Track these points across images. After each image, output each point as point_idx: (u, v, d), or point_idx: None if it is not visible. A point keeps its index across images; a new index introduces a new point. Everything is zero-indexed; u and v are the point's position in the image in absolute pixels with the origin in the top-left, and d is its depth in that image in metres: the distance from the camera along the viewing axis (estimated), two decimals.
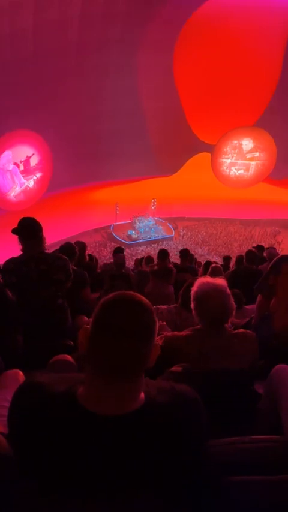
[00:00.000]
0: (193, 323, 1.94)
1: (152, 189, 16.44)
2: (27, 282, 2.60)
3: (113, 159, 14.72)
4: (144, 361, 0.98)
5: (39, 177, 14.64)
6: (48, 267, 2.64)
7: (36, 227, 2.65)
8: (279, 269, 2.58)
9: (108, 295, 1.02)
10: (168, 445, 0.93)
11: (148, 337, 0.98)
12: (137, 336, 0.95)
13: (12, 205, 13.83)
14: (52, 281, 2.65)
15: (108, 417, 0.92)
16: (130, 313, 0.97)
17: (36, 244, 2.64)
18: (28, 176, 14.39)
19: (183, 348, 1.80)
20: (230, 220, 17.26)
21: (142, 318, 0.97)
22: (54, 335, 2.56)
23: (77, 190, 15.16)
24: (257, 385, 1.79)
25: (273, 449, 1.12)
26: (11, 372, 1.71)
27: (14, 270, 2.62)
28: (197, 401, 1.03)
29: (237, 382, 1.69)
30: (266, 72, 14.92)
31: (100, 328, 0.97)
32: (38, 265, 2.62)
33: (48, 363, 2.09)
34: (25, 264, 2.63)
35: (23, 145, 13.77)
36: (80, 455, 0.90)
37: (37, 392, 0.99)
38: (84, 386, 0.97)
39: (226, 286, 1.83)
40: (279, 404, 1.51)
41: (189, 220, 17.29)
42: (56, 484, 0.90)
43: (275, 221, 16.84)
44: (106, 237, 16.07)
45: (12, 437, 1.01)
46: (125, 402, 0.95)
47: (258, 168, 17.03)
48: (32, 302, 2.61)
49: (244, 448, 1.13)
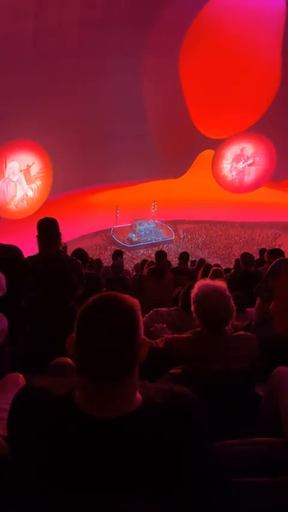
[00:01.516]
0: (193, 325, 1.94)
1: (152, 192, 16.46)
2: (41, 280, 2.65)
3: (113, 162, 14.74)
4: (132, 360, 0.96)
5: (39, 186, 14.68)
6: (62, 266, 2.69)
7: (55, 227, 2.75)
8: (277, 272, 2.59)
9: (86, 302, 1.00)
10: (167, 446, 0.93)
11: (132, 336, 0.96)
12: (119, 336, 0.93)
13: (13, 213, 13.86)
14: (66, 281, 2.69)
15: (105, 420, 0.92)
16: (110, 314, 0.95)
17: (53, 244, 2.72)
18: (28, 185, 14.45)
19: (184, 351, 1.81)
20: (230, 223, 17.26)
21: (123, 317, 0.95)
22: (62, 338, 2.57)
23: (77, 193, 15.17)
24: (257, 387, 1.79)
25: (273, 451, 1.12)
26: (11, 375, 1.71)
27: (32, 268, 2.69)
28: (195, 402, 1.03)
29: (238, 384, 1.69)
30: (266, 71, 14.99)
31: (82, 333, 0.96)
32: (54, 264, 2.68)
33: (49, 366, 2.09)
34: (42, 262, 2.69)
35: (23, 154, 13.80)
36: (78, 458, 0.90)
37: (37, 396, 1.00)
38: (79, 390, 0.97)
39: (226, 289, 1.84)
40: (280, 406, 1.51)
41: (189, 223, 17.29)
42: (55, 486, 0.90)
43: (275, 224, 16.85)
44: (106, 240, 16.07)
45: (11, 440, 1.02)
46: (120, 404, 0.95)
47: (259, 173, 17.08)
48: (45, 301, 2.65)
49: (245, 450, 1.13)
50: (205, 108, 15.61)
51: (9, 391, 1.51)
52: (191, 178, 16.74)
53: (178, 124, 15.60)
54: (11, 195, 14.06)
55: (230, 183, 17.44)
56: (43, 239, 2.72)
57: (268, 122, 15.43)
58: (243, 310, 3.90)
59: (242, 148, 16.86)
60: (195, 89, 15.47)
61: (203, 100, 15.54)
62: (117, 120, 14.52)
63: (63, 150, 13.55)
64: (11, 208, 14.08)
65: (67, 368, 2.03)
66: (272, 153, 16.41)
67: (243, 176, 17.32)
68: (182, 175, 16.79)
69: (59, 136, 13.25)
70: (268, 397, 1.64)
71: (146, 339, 1.01)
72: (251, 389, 1.75)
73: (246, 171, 17.20)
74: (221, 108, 15.52)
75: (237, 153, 16.96)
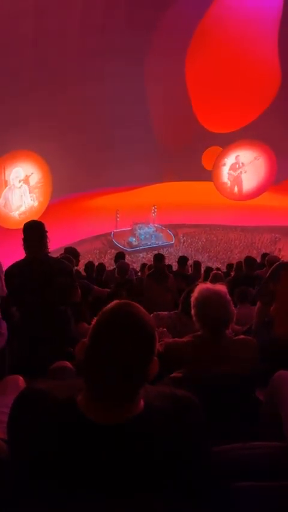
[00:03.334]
0: (194, 329, 1.93)
1: (152, 196, 16.48)
2: (29, 283, 2.63)
3: (113, 166, 14.77)
4: (143, 381, 0.95)
5: (39, 195, 14.71)
6: (51, 268, 2.67)
7: (41, 230, 2.69)
8: (278, 276, 2.59)
9: (104, 312, 0.97)
10: (169, 451, 0.93)
11: (147, 359, 0.95)
12: (135, 360, 0.92)
13: (15, 223, 13.89)
14: (55, 283, 2.66)
15: (107, 425, 0.92)
16: (130, 333, 0.93)
17: (40, 247, 2.67)
18: (29, 194, 14.50)
19: (184, 354, 1.80)
20: (230, 227, 17.26)
21: (142, 339, 0.93)
22: (54, 341, 2.57)
23: (77, 197, 15.20)
24: (257, 391, 1.78)
25: (274, 455, 1.12)
26: (11, 378, 1.71)
27: (18, 273, 2.66)
28: (196, 406, 1.02)
29: (238, 388, 1.69)
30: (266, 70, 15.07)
31: (96, 347, 0.94)
32: (41, 267, 2.65)
33: (48, 370, 2.09)
34: (28, 265, 2.66)
35: (22, 164, 13.83)
36: (79, 462, 0.90)
37: (37, 400, 0.99)
38: (82, 394, 0.96)
39: (226, 292, 1.84)
40: (281, 411, 1.51)
41: (189, 227, 17.29)
42: (56, 490, 0.89)
43: (275, 228, 16.84)
44: (107, 244, 16.06)
45: (12, 443, 1.01)
46: (124, 410, 0.94)
47: (259, 180, 17.12)
48: (34, 304, 2.63)
49: (245, 454, 1.13)
50: (210, 105, 15.59)
51: (9, 394, 1.51)
52: (190, 182, 16.77)
53: (181, 125, 15.62)
54: (17, 204, 14.10)
55: (231, 192, 17.49)
56: (29, 241, 2.67)
57: (268, 121, 15.44)
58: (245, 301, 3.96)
59: (240, 156, 16.90)
60: (200, 88, 15.49)
61: (207, 99, 15.53)
62: (118, 125, 14.57)
63: (63, 154, 13.58)
64: (14, 217, 14.13)
65: (66, 372, 2.03)
66: (273, 160, 16.44)
67: (244, 184, 17.36)
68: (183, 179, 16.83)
69: (59, 140, 13.28)
70: (269, 401, 1.64)
71: (156, 359, 0.98)
72: (251, 393, 1.75)
73: (245, 178, 17.25)
74: (225, 105, 15.51)
75: (233, 162, 16.99)
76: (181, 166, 16.32)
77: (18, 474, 0.95)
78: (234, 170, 17.13)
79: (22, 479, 0.94)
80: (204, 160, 16.82)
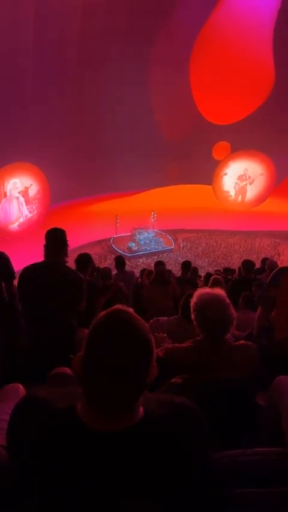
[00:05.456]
0: (194, 335, 1.93)
1: (151, 201, 16.52)
2: (39, 288, 2.64)
3: (113, 172, 14.81)
4: (142, 389, 0.95)
5: (38, 206, 14.76)
6: (63, 278, 2.68)
7: (62, 237, 2.76)
8: (278, 281, 2.60)
9: (97, 321, 0.96)
10: (169, 458, 0.92)
11: (146, 368, 0.94)
12: (133, 370, 0.91)
13: (13, 234, 13.91)
14: (63, 293, 2.66)
15: (107, 433, 0.91)
16: (122, 341, 0.92)
17: (57, 254, 2.72)
18: (28, 206, 14.55)
19: (184, 360, 1.80)
20: (230, 231, 17.30)
21: (139, 347, 0.93)
22: (55, 349, 2.56)
23: (77, 203, 15.23)
24: (258, 396, 1.78)
25: (274, 461, 1.11)
26: (11, 386, 1.70)
27: (30, 277, 2.69)
28: (196, 414, 1.02)
29: (239, 394, 1.68)
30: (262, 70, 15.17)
31: (92, 358, 0.93)
32: (54, 274, 2.67)
33: (48, 376, 2.08)
34: (43, 270, 2.69)
35: (20, 176, 13.89)
36: (79, 471, 0.89)
37: (37, 407, 0.99)
38: (81, 403, 0.96)
39: (225, 296, 1.83)
40: (281, 416, 1.50)
41: (188, 232, 17.32)
42: (55, 497, 0.89)
43: (275, 232, 16.87)
44: (106, 249, 16.08)
45: (11, 450, 1.01)
46: (123, 418, 0.94)
47: (260, 189, 17.20)
48: (40, 310, 2.64)
49: (246, 461, 1.12)
50: (213, 103, 15.64)
51: (9, 402, 1.51)
52: (190, 187, 16.82)
53: (182, 126, 15.65)
54: (16, 215, 14.14)
55: (232, 202, 17.58)
56: (48, 248, 2.73)
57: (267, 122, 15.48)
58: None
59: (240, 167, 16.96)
60: (204, 89, 15.56)
61: (210, 97, 15.58)
62: (117, 130, 14.64)
63: (62, 161, 13.62)
64: (13, 229, 14.14)
65: (67, 378, 2.03)
66: (272, 170, 16.51)
67: (245, 193, 17.45)
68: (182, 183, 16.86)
69: (59, 146, 13.33)
70: (269, 407, 1.63)
71: (155, 364, 0.98)
72: (251, 398, 1.74)
73: (249, 189, 17.34)
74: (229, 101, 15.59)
75: (241, 174, 17.06)
76: (181, 167, 16.37)
77: (17, 481, 0.95)
78: (241, 181, 17.25)
79: (22, 486, 0.93)
80: (214, 153, 16.78)
